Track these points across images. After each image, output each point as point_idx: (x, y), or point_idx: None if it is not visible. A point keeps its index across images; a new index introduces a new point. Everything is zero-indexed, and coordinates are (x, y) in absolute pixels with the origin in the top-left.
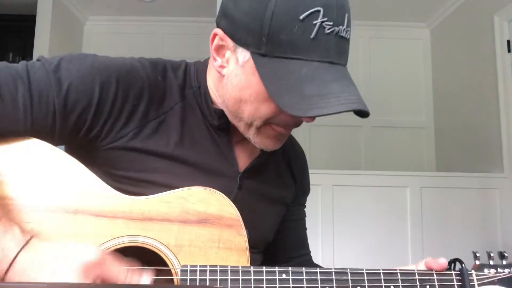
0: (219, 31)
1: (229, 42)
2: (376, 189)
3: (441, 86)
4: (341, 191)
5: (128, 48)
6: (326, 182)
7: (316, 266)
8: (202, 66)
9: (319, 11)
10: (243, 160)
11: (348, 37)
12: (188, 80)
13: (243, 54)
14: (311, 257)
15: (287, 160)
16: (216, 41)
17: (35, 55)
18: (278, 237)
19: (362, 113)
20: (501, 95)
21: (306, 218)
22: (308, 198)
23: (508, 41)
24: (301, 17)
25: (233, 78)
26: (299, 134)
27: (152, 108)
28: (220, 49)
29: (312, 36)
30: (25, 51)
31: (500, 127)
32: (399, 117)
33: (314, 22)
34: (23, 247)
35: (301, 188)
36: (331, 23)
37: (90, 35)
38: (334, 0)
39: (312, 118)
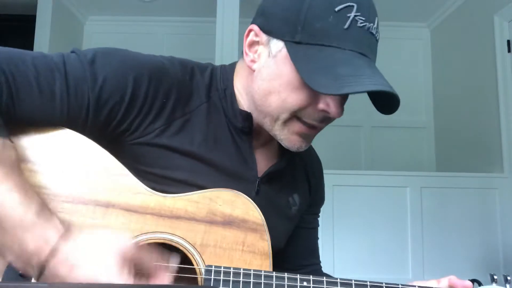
0: (254, 26)
1: (263, 37)
2: (376, 189)
3: (441, 86)
4: (341, 191)
5: (128, 48)
6: (326, 182)
7: (328, 276)
8: (228, 69)
9: (353, 6)
10: (261, 165)
11: (377, 37)
12: (214, 82)
13: (277, 45)
14: (321, 267)
15: (304, 168)
16: (251, 36)
17: None
18: (289, 244)
19: (391, 107)
20: (501, 95)
21: None
22: None
23: (508, 41)
24: (336, 9)
25: (264, 71)
26: None
27: (179, 107)
28: (253, 44)
29: (345, 26)
30: None
31: (500, 127)
32: (399, 117)
33: (348, 14)
34: (62, 236)
35: (316, 198)
36: (363, 18)
37: (90, 35)
38: (366, 1)
39: (338, 108)
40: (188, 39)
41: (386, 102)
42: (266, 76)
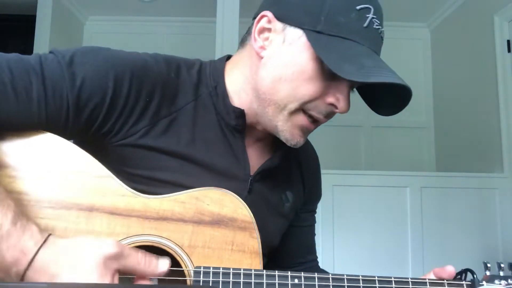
0: (268, 13)
1: (277, 24)
2: (376, 189)
3: (441, 86)
4: (341, 191)
5: (128, 48)
6: (326, 182)
7: (323, 272)
8: (218, 66)
9: (370, 8)
10: (254, 163)
11: (383, 40)
12: (204, 79)
13: (294, 33)
14: (317, 263)
15: (298, 165)
16: (262, 23)
17: None
18: (285, 242)
19: (394, 108)
20: (501, 95)
21: None
22: None
23: (508, 41)
24: (357, 7)
25: (275, 58)
26: None
27: (164, 106)
28: (263, 31)
29: (365, 25)
30: (25, 51)
31: (500, 127)
32: (399, 117)
33: (367, 15)
34: (41, 245)
35: (312, 194)
36: (378, 22)
37: (90, 35)
38: (380, 7)
39: (347, 104)
40: (188, 39)
41: (390, 102)
42: (278, 63)
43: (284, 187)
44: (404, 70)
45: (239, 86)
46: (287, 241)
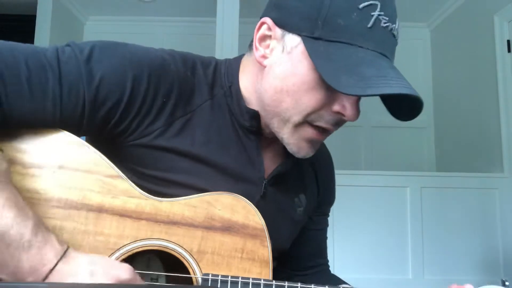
0: (268, 19)
1: (277, 31)
2: (376, 189)
3: (441, 86)
4: (341, 191)
5: None
6: None
7: (333, 276)
8: (234, 65)
9: (376, 4)
10: (268, 166)
11: (398, 40)
12: (218, 78)
13: (293, 39)
14: (328, 267)
15: (312, 168)
16: (263, 30)
17: None
18: (296, 245)
19: (409, 112)
20: (501, 95)
21: None
22: None
23: (508, 41)
24: (360, 6)
25: (276, 68)
26: None
27: (180, 105)
28: (264, 38)
29: (369, 25)
30: None
31: (500, 127)
32: None
33: (372, 13)
34: (61, 258)
35: (326, 198)
36: (387, 18)
37: (90, 35)
38: (390, 0)
39: (355, 111)
40: (188, 39)
41: (403, 106)
42: (279, 73)
43: (297, 191)
44: (404, 70)
45: (250, 90)
46: (298, 245)
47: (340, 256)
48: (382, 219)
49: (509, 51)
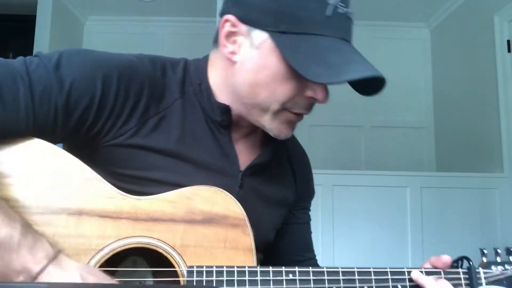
0: (231, 17)
1: (242, 27)
2: (376, 189)
3: (441, 86)
4: (341, 191)
5: (128, 48)
6: (326, 182)
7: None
8: (202, 63)
9: None
10: (244, 158)
11: (353, 19)
12: (188, 77)
13: (260, 36)
14: (316, 260)
15: (289, 160)
16: (227, 27)
17: None
18: (282, 240)
19: (373, 89)
20: (501, 95)
21: None
22: None
23: (508, 41)
24: None
25: (247, 63)
26: (299, 134)
27: (153, 104)
28: (230, 35)
29: (328, 13)
30: (25, 51)
31: (500, 127)
32: (399, 117)
33: (329, 1)
34: (52, 260)
35: (304, 191)
36: (343, 5)
37: (90, 35)
38: None
39: (325, 94)
40: (188, 39)
41: (369, 84)
42: (251, 68)
43: (276, 182)
44: (404, 70)
45: (220, 85)
46: (284, 240)
47: (340, 256)
48: (382, 219)
49: (509, 51)
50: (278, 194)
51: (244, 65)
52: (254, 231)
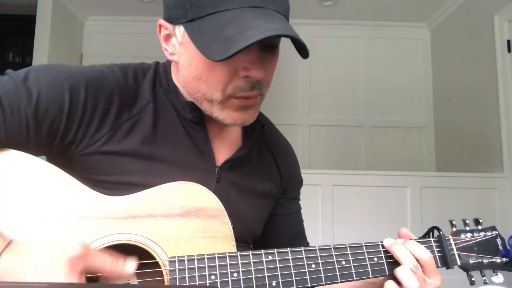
0: (161, 21)
1: (170, 28)
2: (376, 189)
3: (441, 86)
4: (341, 191)
5: (128, 48)
6: (326, 182)
7: None
8: (168, 64)
9: None
10: (223, 154)
11: None
12: (158, 79)
13: (179, 30)
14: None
15: (271, 152)
16: (162, 31)
17: (35, 55)
18: (273, 232)
19: (300, 47)
20: (501, 95)
21: (307, 218)
22: (308, 198)
23: (508, 41)
24: None
25: (181, 60)
26: (299, 134)
27: (125, 111)
28: (168, 38)
29: None
30: (25, 51)
31: (500, 127)
32: (399, 117)
33: None
34: (4, 249)
35: (290, 181)
36: None
37: (90, 35)
38: None
39: (258, 69)
40: None
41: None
42: (184, 63)
43: (258, 175)
44: (404, 70)
45: (180, 84)
46: (276, 231)
47: None
48: (382, 219)
49: (509, 51)
50: (261, 186)
51: (181, 63)
52: (237, 223)
